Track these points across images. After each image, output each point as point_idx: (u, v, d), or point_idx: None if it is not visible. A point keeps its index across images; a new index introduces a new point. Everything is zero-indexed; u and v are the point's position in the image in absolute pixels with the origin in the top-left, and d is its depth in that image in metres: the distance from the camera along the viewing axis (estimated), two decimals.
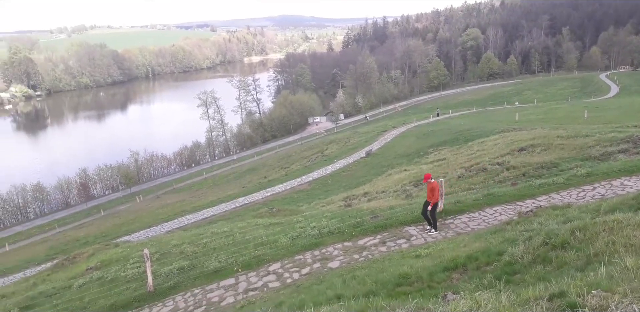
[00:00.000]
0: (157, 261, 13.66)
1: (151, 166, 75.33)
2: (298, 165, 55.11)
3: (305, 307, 5.83)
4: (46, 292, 14.37)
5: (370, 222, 13.08)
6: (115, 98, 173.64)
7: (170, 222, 35.38)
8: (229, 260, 12.52)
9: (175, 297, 11.24)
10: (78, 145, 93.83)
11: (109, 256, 17.50)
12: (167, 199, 54.21)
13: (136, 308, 11.13)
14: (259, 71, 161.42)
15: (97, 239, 33.89)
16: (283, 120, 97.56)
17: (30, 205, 59.97)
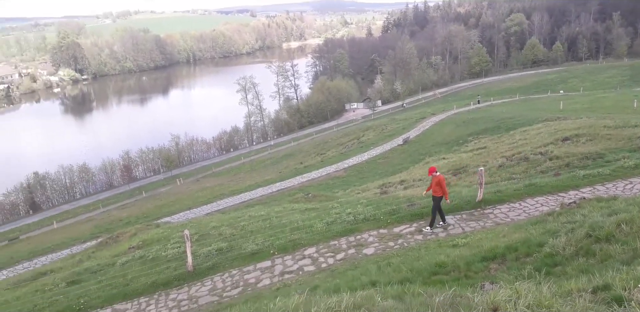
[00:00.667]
0: (196, 242, 14.03)
1: (191, 150, 76.95)
2: (334, 151, 55.14)
3: (340, 292, 5.88)
4: (91, 268, 15.02)
5: (407, 210, 13.02)
6: (157, 82, 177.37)
7: (209, 205, 36.18)
8: (265, 243, 12.76)
9: (214, 278, 11.57)
10: (121, 129, 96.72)
11: (150, 235, 18.12)
12: (206, 182, 55.37)
13: (176, 287, 11.52)
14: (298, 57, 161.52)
15: (139, 220, 35.05)
16: (320, 106, 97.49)
17: (76, 185, 62.51)
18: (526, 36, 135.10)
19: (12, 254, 33.00)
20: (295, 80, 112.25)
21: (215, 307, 9.86)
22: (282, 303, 4.27)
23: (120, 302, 11.35)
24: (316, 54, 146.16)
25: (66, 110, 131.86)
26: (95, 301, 11.60)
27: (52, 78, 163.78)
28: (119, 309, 11.05)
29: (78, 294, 12.14)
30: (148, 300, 11.18)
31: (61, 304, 11.86)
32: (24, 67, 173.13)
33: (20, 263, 28.37)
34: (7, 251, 36.50)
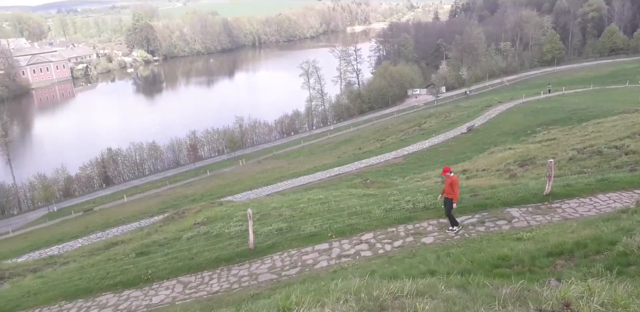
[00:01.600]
0: (257, 221, 14.45)
1: (254, 132, 78.65)
2: (394, 138, 54.57)
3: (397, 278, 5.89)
4: (158, 241, 15.88)
5: (469, 201, 12.74)
6: (223, 65, 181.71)
7: (270, 186, 37.06)
8: (323, 226, 12.96)
9: (273, 256, 11.93)
10: (189, 109, 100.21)
11: (214, 213, 18.87)
12: (267, 164, 56.59)
13: (238, 263, 11.99)
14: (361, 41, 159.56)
15: (203, 197, 36.54)
16: (381, 91, 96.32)
17: (145, 162, 65.79)
18: (604, 23, 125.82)
19: (87, 224, 35.53)
20: (358, 64, 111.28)
21: (274, 284, 10.19)
22: (343, 285, 4.36)
23: (185, 275, 11.98)
24: (380, 38, 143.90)
25: (138, 90, 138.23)
26: (162, 272, 12.30)
27: (126, 59, 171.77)
28: (184, 281, 11.66)
29: (146, 265, 12.91)
30: (211, 274, 11.72)
31: (131, 273, 12.67)
32: (101, 48, 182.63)
33: (94, 233, 30.47)
34: (82, 221, 39.30)
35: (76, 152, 66.13)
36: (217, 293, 10.60)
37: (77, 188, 58.28)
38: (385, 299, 3.44)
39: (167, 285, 11.63)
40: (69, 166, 58.38)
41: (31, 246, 30.19)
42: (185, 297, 10.76)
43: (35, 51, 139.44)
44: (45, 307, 11.85)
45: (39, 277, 15.93)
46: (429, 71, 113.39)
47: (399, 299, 3.46)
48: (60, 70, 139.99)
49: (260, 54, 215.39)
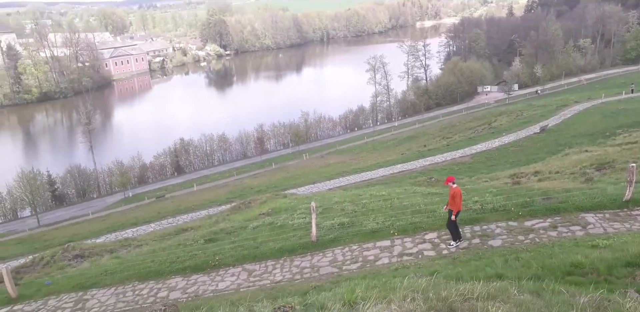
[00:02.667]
0: (320, 215, 14.62)
1: (318, 127, 79.34)
2: (461, 136, 53.10)
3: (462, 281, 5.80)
4: (226, 229, 16.48)
5: (541, 204, 12.21)
6: (291, 60, 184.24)
7: (332, 181, 37.28)
8: (386, 223, 12.90)
9: (335, 250, 12.04)
10: (257, 103, 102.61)
11: (278, 204, 19.31)
12: (330, 159, 56.93)
13: (300, 254, 12.22)
14: (430, 36, 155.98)
15: (268, 189, 37.41)
16: (450, 88, 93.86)
17: (215, 153, 68.29)
18: None
19: (159, 210, 37.45)
20: (426, 60, 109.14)
21: (335, 278, 10.30)
22: (409, 283, 4.35)
23: (250, 263, 12.37)
24: (450, 33, 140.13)
25: (210, 83, 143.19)
26: (229, 259, 12.77)
27: (200, 53, 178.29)
28: (249, 268, 12.05)
29: (214, 251, 13.45)
30: (274, 264, 12.03)
31: (200, 258, 13.26)
32: (177, 42, 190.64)
33: (165, 218, 32.07)
34: (155, 207, 41.48)
35: (151, 141, 69.72)
36: (279, 282, 10.88)
37: (150, 175, 61.54)
38: (454, 300, 3.41)
39: (233, 272, 12.06)
40: (144, 154, 61.68)
41: (108, 228, 32.30)
42: (250, 285, 11.12)
43: (118, 45, 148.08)
44: (120, 286, 12.66)
45: (115, 257, 17.05)
46: (501, 68, 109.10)
47: (468, 301, 3.41)
48: (139, 63, 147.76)
49: (327, 49, 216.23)
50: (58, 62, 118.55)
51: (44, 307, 12.17)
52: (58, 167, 57.76)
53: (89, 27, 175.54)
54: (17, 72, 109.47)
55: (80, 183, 56.47)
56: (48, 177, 53.54)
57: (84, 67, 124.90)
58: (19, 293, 13.20)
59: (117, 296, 12.07)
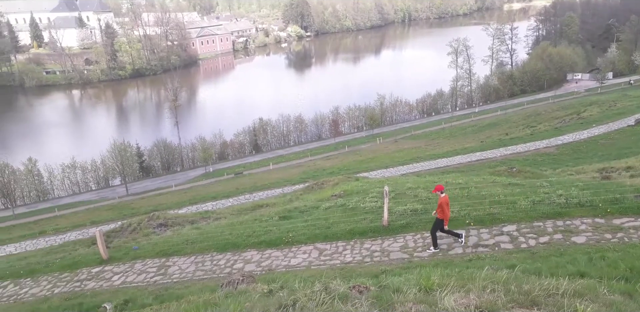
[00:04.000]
0: (392, 200, 14.54)
1: (394, 111, 78.27)
2: (546, 125, 50.26)
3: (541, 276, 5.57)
4: (299, 208, 16.88)
5: (633, 201, 11.37)
6: (371, 42, 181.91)
7: (405, 166, 36.87)
8: (461, 212, 12.61)
9: (406, 236, 11.99)
10: (334, 85, 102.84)
11: (350, 187, 19.42)
12: (404, 144, 56.17)
13: (370, 238, 12.30)
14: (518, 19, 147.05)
15: (340, 171, 37.72)
16: (537, 74, 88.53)
17: (291, 133, 69.68)
18: None
19: (237, 186, 39.05)
20: (513, 44, 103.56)
21: (406, 264, 10.28)
22: (487, 275, 4.27)
23: (321, 242, 12.64)
24: (541, 16, 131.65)
25: (289, 64, 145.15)
26: (301, 237, 13.13)
27: (281, 34, 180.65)
28: (320, 248, 12.32)
29: (288, 229, 13.88)
30: (345, 245, 12.21)
31: (274, 234, 13.74)
32: (260, 23, 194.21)
33: (242, 194, 33.41)
34: (233, 183, 43.29)
35: (232, 120, 72.29)
36: (349, 263, 11.04)
37: (230, 153, 64.11)
38: (537, 295, 3.31)
39: (305, 249, 12.40)
40: (225, 132, 64.24)
41: (190, 201, 34.23)
42: (320, 264, 11.39)
43: (205, 24, 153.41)
44: (199, 255, 13.44)
45: (195, 228, 18.09)
46: (595, 55, 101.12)
47: (552, 297, 3.30)
48: (224, 43, 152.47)
49: (408, 31, 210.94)
50: (150, 40, 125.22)
51: (130, 270, 13.23)
52: (146, 141, 61.60)
53: (179, 7, 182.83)
54: (113, 49, 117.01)
55: (165, 156, 60.03)
56: (137, 149, 57.35)
57: (173, 46, 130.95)
58: (109, 255, 14.43)
59: (196, 265, 12.84)
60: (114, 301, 10.74)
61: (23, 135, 75.02)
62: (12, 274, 14.50)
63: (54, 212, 41.13)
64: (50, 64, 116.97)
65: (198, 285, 11.37)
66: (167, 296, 10.69)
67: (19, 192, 50.54)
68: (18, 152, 60.62)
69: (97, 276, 13.18)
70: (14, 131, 78.03)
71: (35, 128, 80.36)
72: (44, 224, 35.42)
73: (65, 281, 13.27)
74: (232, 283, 7.01)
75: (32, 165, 51.42)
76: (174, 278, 12.19)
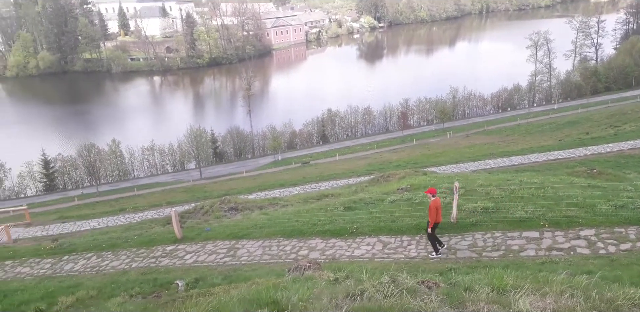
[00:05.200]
0: (462, 196, 14.17)
1: (467, 105, 75.88)
2: (633, 125, 46.69)
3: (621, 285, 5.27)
4: (364, 200, 16.87)
5: None
6: (445, 34, 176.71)
7: (476, 162, 35.75)
8: (536, 213, 12.11)
9: (475, 235, 11.69)
10: (404, 77, 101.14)
11: (417, 181, 19.14)
12: (476, 139, 54.43)
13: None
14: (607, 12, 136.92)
15: (407, 165, 37.21)
16: (624, 70, 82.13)
17: (359, 125, 69.58)
18: None
19: (304, 175, 39.66)
20: (599, 38, 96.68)
21: (474, 263, 10.06)
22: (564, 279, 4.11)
23: (385, 235, 12.62)
24: (632, 9, 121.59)
25: (360, 56, 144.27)
26: (365, 229, 13.18)
27: (354, 24, 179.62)
28: (384, 240, 12.31)
29: (352, 219, 13.96)
30: (410, 239, 12.12)
31: (338, 224, 13.89)
32: (333, 14, 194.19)
33: (309, 183, 33.84)
34: (300, 172, 44.03)
35: (301, 110, 73.23)
36: (413, 259, 10.97)
37: (298, 142, 65.22)
38: (621, 304, 3.14)
39: (369, 241, 12.44)
40: (295, 122, 65.32)
41: (259, 187, 35.20)
42: (384, 256, 11.39)
43: (280, 15, 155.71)
44: (267, 240, 13.87)
45: (263, 214, 18.62)
46: None
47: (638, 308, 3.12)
48: (297, 34, 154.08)
49: (485, 23, 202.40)
50: (227, 30, 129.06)
51: (202, 250, 13.90)
52: (220, 127, 63.94)
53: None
54: (192, 38, 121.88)
55: (237, 143, 62.11)
56: (211, 135, 59.79)
57: (248, 36, 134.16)
58: (183, 235, 15.23)
59: (263, 249, 13.28)
60: (186, 279, 11.37)
61: (108, 118, 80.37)
62: (96, 247, 15.68)
63: (133, 191, 43.89)
64: (134, 51, 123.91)
65: (265, 268, 11.76)
66: (236, 277, 11.15)
67: (103, 171, 54.46)
68: (104, 133, 65.06)
69: (171, 253, 13.96)
70: (101, 114, 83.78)
71: (120, 111, 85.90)
72: (124, 202, 37.88)
73: (142, 256, 14.18)
74: (298, 269, 7.20)
75: (116, 146, 55.13)
76: (242, 260, 12.68)
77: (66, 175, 54.49)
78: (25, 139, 63.83)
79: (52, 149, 54.34)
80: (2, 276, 14.54)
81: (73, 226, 26.50)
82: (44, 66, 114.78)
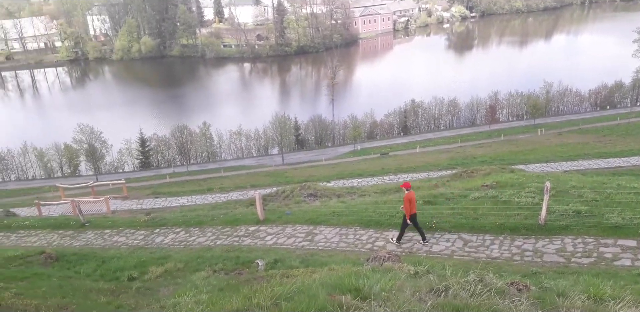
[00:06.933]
0: (552, 197, 13.45)
1: (561, 101, 71.09)
2: None
3: None
4: (445, 194, 16.51)
5: None
6: (542, 25, 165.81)
7: (569, 163, 33.71)
8: (634, 220, 11.26)
9: (564, 239, 11.09)
10: (494, 69, 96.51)
11: (504, 178, 18.36)
12: (569, 138, 51.15)
13: (523, 235, 11.62)
14: None
15: (493, 161, 35.81)
16: None
17: (443, 117, 67.56)
18: None
19: (382, 166, 39.49)
20: None
21: (561, 268, 9.58)
22: None
23: (466, 233, 12.32)
24: None
25: (449, 46, 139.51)
26: (445, 225, 12.93)
27: (445, 14, 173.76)
28: (465, 238, 12.02)
29: (431, 214, 13.74)
30: (493, 239, 11.73)
31: (417, 217, 13.66)
32: (423, 2, 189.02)
33: (387, 174, 33.71)
34: (379, 162, 43.87)
35: (383, 100, 72.43)
36: (496, 259, 10.63)
37: (379, 132, 64.79)
38: None
39: (448, 238, 12.22)
40: (376, 112, 64.82)
41: (337, 175, 35.62)
42: (464, 254, 11.14)
43: (369, 4, 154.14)
44: (344, 228, 14.05)
45: (341, 202, 18.83)
46: None
47: None
48: (385, 23, 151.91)
49: (588, 14, 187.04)
50: (315, 18, 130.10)
51: (282, 233, 14.37)
52: (303, 115, 65.01)
53: None
54: (282, 26, 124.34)
55: (319, 131, 62.92)
56: (295, 122, 61.08)
57: (336, 25, 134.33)
58: (265, 217, 15.82)
59: (340, 236, 13.48)
60: (266, 259, 11.84)
61: (200, 101, 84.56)
62: (185, 223, 16.73)
63: (220, 173, 46.14)
64: (227, 38, 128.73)
65: (340, 255, 11.96)
66: (312, 261, 11.44)
67: (193, 152, 57.72)
68: (195, 116, 68.55)
69: (253, 234, 14.58)
70: (193, 97, 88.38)
71: (211, 96, 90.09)
72: (211, 183, 39.97)
73: (226, 234, 14.94)
74: (377, 259, 7.27)
75: (206, 129, 58.12)
76: (319, 246, 12.97)
77: (160, 154, 58.35)
78: (126, 119, 69.01)
79: (149, 129, 58.30)
80: (102, 244, 15.97)
81: (164, 202, 28.47)
82: (145, 50, 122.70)
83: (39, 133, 62.22)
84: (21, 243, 17.05)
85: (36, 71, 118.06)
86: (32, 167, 56.64)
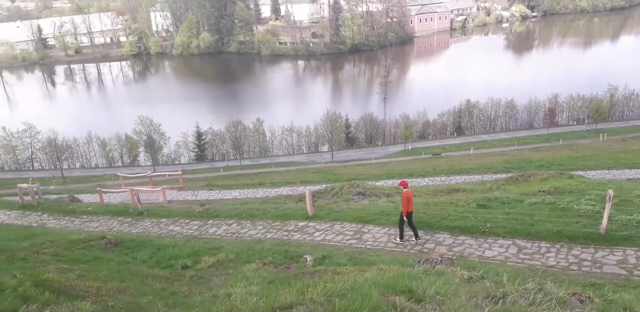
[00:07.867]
0: (615, 206, 12.83)
1: (627, 105, 67.42)
2: None
3: None
4: (500, 199, 16.03)
5: None
6: (608, 26, 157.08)
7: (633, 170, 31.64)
8: None
9: (626, 250, 10.57)
10: (555, 71, 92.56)
11: (562, 184, 17.67)
12: (634, 144, 48.47)
13: (581, 244, 11.16)
14: None
15: (551, 166, 34.43)
16: None
17: (499, 119, 65.67)
18: None
19: (434, 166, 38.81)
20: None
21: (622, 281, 9.13)
22: None
23: (521, 239, 11.95)
24: None
25: (508, 46, 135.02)
26: (499, 230, 12.58)
27: (504, 13, 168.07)
28: (520, 244, 11.66)
29: (485, 218, 13.39)
30: (549, 247, 11.33)
31: (469, 221, 13.41)
32: (482, 1, 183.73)
33: (439, 175, 33.10)
34: (430, 163, 43.15)
35: (437, 99, 71.15)
36: (552, 268, 10.27)
37: (431, 132, 63.84)
38: None
39: (502, 243, 11.90)
40: (429, 111, 63.81)
41: (387, 174, 35.33)
42: (518, 261, 10.82)
43: (426, 2, 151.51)
44: (392, 228, 13.93)
45: (390, 201, 18.66)
46: None
47: None
48: (442, 21, 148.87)
49: None
50: (371, 16, 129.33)
51: (330, 229, 14.44)
52: (354, 113, 64.98)
53: None
54: (337, 24, 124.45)
55: (369, 130, 62.75)
56: (345, 120, 61.18)
57: (392, 23, 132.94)
58: (314, 213, 15.96)
59: (388, 236, 13.39)
60: (314, 254, 11.95)
61: (255, 97, 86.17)
62: (237, 215, 17.13)
63: (271, 168, 47.00)
64: (283, 35, 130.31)
65: (388, 255, 11.89)
66: (360, 259, 11.44)
67: (246, 147, 59.06)
68: (249, 112, 69.99)
69: (302, 229, 14.75)
70: (248, 93, 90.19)
71: (265, 92, 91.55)
72: (262, 177, 40.72)
73: (276, 228, 15.19)
74: (429, 261, 7.20)
75: (259, 125, 59.38)
76: (367, 245, 12.95)
77: (215, 147, 60.13)
78: (183, 113, 71.37)
79: (204, 123, 60.06)
80: (158, 232, 16.62)
81: (218, 194, 29.27)
82: (204, 46, 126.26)
83: (102, 124, 65.58)
84: (84, 228, 18.01)
85: (102, 65, 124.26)
86: (95, 156, 59.81)
